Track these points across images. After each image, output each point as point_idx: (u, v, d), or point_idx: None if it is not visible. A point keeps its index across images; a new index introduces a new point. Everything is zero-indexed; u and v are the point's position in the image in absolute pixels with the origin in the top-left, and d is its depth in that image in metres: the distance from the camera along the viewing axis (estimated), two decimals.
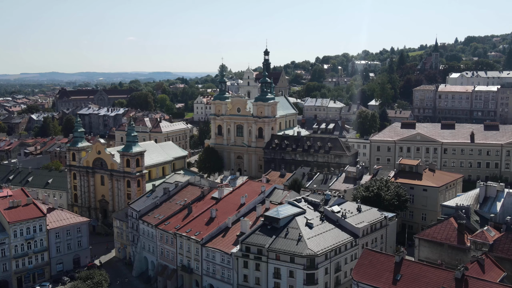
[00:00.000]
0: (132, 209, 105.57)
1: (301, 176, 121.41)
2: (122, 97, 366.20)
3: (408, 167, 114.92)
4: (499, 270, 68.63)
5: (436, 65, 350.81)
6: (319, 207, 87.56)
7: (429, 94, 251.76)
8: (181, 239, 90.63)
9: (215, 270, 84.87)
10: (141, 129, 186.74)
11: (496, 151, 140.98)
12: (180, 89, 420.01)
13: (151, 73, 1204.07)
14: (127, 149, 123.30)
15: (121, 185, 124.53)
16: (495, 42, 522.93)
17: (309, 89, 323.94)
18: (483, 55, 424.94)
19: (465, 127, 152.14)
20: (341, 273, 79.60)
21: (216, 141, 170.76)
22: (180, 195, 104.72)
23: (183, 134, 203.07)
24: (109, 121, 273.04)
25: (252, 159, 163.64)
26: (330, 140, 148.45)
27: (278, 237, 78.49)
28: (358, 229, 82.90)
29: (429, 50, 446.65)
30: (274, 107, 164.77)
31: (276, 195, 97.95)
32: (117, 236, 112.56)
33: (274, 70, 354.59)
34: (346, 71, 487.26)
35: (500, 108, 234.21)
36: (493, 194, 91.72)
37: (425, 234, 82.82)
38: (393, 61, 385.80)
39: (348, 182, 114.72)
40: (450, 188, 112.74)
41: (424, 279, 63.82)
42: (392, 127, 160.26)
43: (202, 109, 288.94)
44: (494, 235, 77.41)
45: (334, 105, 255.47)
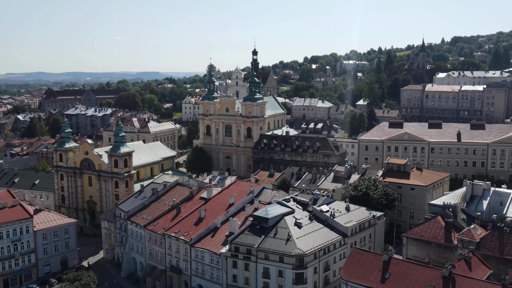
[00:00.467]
0: (120, 210, 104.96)
1: (289, 176, 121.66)
2: (110, 97, 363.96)
3: (396, 166, 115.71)
4: (486, 268, 69.42)
5: (423, 65, 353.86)
6: (307, 207, 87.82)
7: (416, 94, 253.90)
8: (170, 240, 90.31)
9: (204, 271, 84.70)
10: (129, 129, 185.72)
11: (482, 150, 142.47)
12: (168, 89, 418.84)
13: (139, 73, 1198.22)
14: (115, 150, 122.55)
15: (109, 186, 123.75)
16: (481, 42, 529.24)
17: (297, 89, 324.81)
18: (469, 55, 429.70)
19: (452, 127, 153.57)
20: (330, 272, 79.89)
21: (204, 141, 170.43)
22: (168, 196, 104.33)
23: (171, 134, 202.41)
24: (97, 121, 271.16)
25: (241, 159, 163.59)
26: (319, 140, 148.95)
27: (267, 237, 78.56)
28: (347, 228, 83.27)
29: (416, 50, 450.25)
30: (262, 107, 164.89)
31: (265, 195, 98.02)
32: (105, 237, 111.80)
33: (262, 70, 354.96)
34: (334, 71, 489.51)
35: (486, 107, 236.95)
36: (479, 193, 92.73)
37: (413, 232, 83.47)
38: (380, 61, 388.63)
39: (337, 182, 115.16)
40: (437, 187, 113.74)
41: (412, 277, 64.30)
42: (380, 127, 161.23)
43: (191, 109, 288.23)
44: (481, 233, 78.25)
45: (322, 105, 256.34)
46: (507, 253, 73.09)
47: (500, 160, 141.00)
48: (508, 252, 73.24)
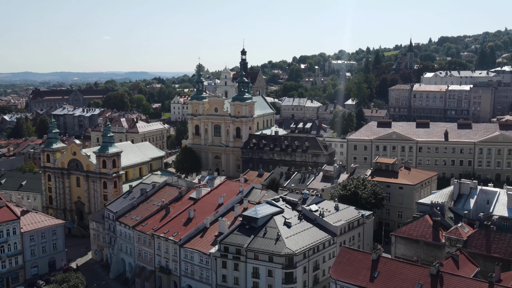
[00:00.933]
0: (109, 211, 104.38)
1: (279, 176, 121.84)
2: (98, 97, 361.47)
3: (384, 166, 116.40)
4: (473, 266, 70.11)
5: (411, 64, 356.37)
6: (297, 206, 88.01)
7: (404, 94, 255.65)
8: (159, 240, 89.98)
9: (194, 271, 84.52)
10: (117, 129, 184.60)
11: (469, 149, 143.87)
12: (157, 89, 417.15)
13: (127, 73, 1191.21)
14: (103, 150, 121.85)
15: (97, 187, 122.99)
16: (468, 42, 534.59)
17: (286, 88, 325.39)
18: (456, 55, 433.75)
19: (439, 126, 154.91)
20: (319, 272, 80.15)
21: (193, 141, 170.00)
22: (157, 196, 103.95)
23: (160, 135, 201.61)
24: (85, 121, 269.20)
25: (230, 159, 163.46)
26: (308, 140, 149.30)
27: (256, 237, 78.58)
28: (336, 228, 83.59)
29: (404, 50, 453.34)
30: (251, 106, 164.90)
31: (254, 195, 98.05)
32: (93, 238, 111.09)
33: (251, 69, 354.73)
34: (323, 70, 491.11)
35: (472, 107, 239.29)
36: (466, 191, 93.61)
37: (401, 231, 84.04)
38: (369, 61, 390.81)
39: (326, 181, 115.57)
40: (425, 186, 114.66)
41: (401, 276, 64.72)
42: (368, 126, 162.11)
43: (179, 109, 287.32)
44: (468, 232, 79.04)
45: (311, 105, 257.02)
46: (494, 251, 73.95)
47: (486, 159, 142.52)
48: (495, 250, 74.10)
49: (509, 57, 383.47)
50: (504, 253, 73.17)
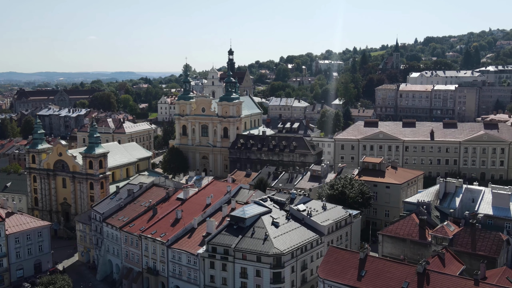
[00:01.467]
0: (96, 212, 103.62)
1: (266, 176, 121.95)
2: (84, 97, 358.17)
3: (371, 165, 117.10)
4: (459, 264, 70.88)
5: (397, 64, 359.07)
6: (284, 206, 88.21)
7: (391, 93, 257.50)
8: (146, 241, 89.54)
9: (181, 272, 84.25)
10: (104, 130, 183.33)
11: (454, 148, 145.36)
12: (144, 89, 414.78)
13: (114, 73, 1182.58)
14: (89, 151, 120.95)
15: (83, 188, 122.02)
16: (453, 42, 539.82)
17: (273, 88, 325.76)
18: (442, 55, 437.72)
19: (425, 125, 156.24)
20: (307, 271, 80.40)
21: (180, 141, 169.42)
22: (144, 197, 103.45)
23: (147, 135, 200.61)
24: (71, 122, 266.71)
25: (218, 159, 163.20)
26: (295, 139, 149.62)
27: (244, 237, 78.58)
28: (324, 227, 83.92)
29: (390, 50, 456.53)
30: (239, 106, 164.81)
31: (242, 195, 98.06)
32: (80, 239, 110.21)
33: (238, 69, 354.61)
34: (310, 70, 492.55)
35: (458, 106, 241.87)
36: (452, 190, 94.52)
37: (388, 230, 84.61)
38: (355, 61, 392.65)
39: (313, 181, 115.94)
40: (411, 185, 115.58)
41: (388, 274, 65.20)
42: (355, 126, 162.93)
43: (166, 109, 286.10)
44: (454, 230, 79.88)
45: (298, 105, 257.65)
46: (479, 248, 74.83)
47: (471, 158, 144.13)
48: (480, 248, 74.99)
49: (493, 57, 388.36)
50: (489, 251, 74.11)
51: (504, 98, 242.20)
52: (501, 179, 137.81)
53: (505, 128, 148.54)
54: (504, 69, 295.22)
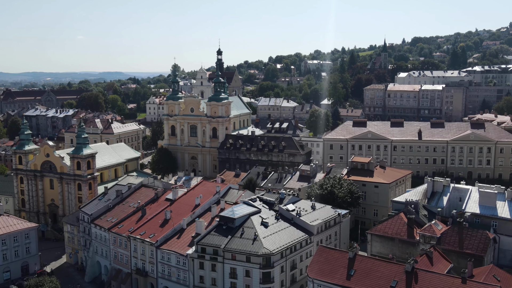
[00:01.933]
0: (84, 213, 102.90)
1: (255, 176, 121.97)
2: (72, 97, 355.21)
3: (360, 165, 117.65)
4: (446, 262, 71.52)
5: (385, 64, 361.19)
6: (274, 206, 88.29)
7: (379, 93, 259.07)
8: (135, 242, 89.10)
9: (171, 272, 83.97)
10: (92, 130, 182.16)
11: (442, 147, 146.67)
12: (132, 90, 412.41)
13: (102, 73, 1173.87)
14: (77, 151, 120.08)
15: (71, 189, 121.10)
16: (440, 42, 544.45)
17: (262, 88, 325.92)
18: (429, 55, 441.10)
19: (413, 125, 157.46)
20: (297, 271, 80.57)
21: (169, 141, 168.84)
22: (133, 197, 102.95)
23: (135, 135, 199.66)
24: (58, 122, 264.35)
25: (207, 159, 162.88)
26: (284, 139, 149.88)
27: (233, 237, 78.53)
28: (313, 227, 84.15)
29: (378, 50, 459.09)
30: (227, 107, 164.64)
31: (231, 195, 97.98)
32: (68, 241, 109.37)
33: (227, 69, 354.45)
34: (298, 70, 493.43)
35: (445, 106, 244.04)
36: (439, 189, 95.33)
37: (377, 229, 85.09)
38: (344, 61, 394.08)
39: (302, 181, 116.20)
40: (400, 184, 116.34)
41: (377, 273, 65.57)
42: (344, 126, 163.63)
43: (155, 110, 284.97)
44: (441, 229, 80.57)
45: (287, 105, 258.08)
46: (466, 247, 75.59)
47: (459, 157, 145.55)
48: (467, 246, 75.75)
49: (479, 57, 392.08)
50: (476, 249, 74.90)
51: (490, 98, 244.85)
52: (488, 178, 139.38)
53: (491, 128, 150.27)
54: (490, 69, 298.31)
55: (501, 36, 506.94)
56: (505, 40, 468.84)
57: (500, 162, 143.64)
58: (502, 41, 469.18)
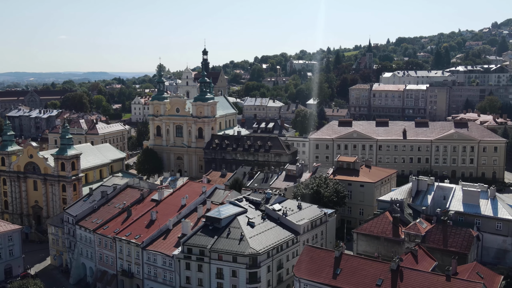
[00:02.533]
0: (68, 214, 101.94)
1: (242, 176, 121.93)
2: (55, 98, 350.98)
3: (345, 164, 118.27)
4: (431, 260, 72.29)
5: (370, 64, 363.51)
6: (260, 206, 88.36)
7: (364, 93, 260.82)
8: (121, 243, 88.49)
9: (157, 273, 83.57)
10: (76, 131, 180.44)
11: (426, 147, 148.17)
12: (117, 90, 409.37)
13: (86, 73, 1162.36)
14: (61, 152, 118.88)
15: (55, 190, 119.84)
16: (424, 43, 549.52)
17: (248, 88, 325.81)
18: (413, 55, 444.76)
19: (398, 124, 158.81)
20: (283, 270, 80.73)
21: (155, 142, 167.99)
22: (118, 198, 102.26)
23: (120, 136, 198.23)
24: (42, 123, 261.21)
25: (193, 159, 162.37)
26: (270, 139, 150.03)
27: (220, 237, 78.43)
28: (299, 226, 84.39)
29: (363, 50, 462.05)
30: (213, 107, 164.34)
31: (217, 195, 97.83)
32: (52, 243, 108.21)
33: (213, 70, 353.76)
34: (284, 70, 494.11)
35: (429, 105, 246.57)
36: (424, 188, 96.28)
37: (363, 228, 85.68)
38: (329, 61, 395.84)
39: (288, 180, 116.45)
40: (385, 183, 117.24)
41: (363, 272, 66.00)
42: (329, 126, 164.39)
43: (140, 110, 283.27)
44: (426, 227, 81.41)
45: (273, 105, 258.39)
46: (451, 245, 76.52)
47: (443, 156, 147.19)
48: (451, 244, 76.68)
49: (462, 57, 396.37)
50: (460, 247, 75.87)
51: (473, 97, 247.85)
52: (471, 177, 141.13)
53: (474, 127, 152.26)
54: (473, 69, 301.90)
55: (484, 36, 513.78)
56: (487, 41, 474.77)
57: (483, 161, 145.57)
58: (484, 42, 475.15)
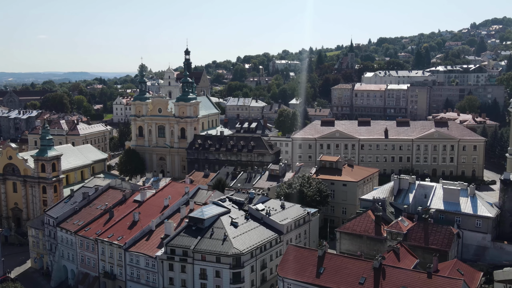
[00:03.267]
0: (49, 216, 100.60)
1: (225, 176, 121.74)
2: (35, 98, 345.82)
3: (328, 164, 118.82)
4: (413, 258, 73.11)
5: (352, 64, 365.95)
6: (243, 206, 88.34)
7: (346, 93, 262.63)
8: (103, 245, 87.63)
9: (140, 275, 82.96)
10: (56, 132, 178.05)
11: (407, 146, 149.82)
12: (98, 90, 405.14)
13: (67, 73, 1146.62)
14: (41, 153, 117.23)
15: (36, 192, 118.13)
16: (404, 43, 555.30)
17: (231, 88, 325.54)
18: (394, 55, 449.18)
19: (380, 124, 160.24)
20: (267, 270, 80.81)
21: (137, 142, 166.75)
22: (100, 200, 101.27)
23: (102, 136, 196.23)
24: (21, 124, 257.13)
25: (175, 160, 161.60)
26: (253, 139, 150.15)
27: (203, 238, 78.20)
28: (282, 226, 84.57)
29: (345, 50, 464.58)
30: (196, 107, 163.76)
31: (200, 196, 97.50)
32: (32, 245, 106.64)
33: (195, 69, 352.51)
34: (267, 70, 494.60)
35: (410, 105, 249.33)
36: (405, 187, 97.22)
37: (345, 227, 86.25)
38: (312, 61, 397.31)
39: (272, 180, 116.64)
40: (367, 182, 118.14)
41: (346, 271, 66.43)
42: (312, 125, 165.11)
43: (122, 110, 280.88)
44: (408, 225, 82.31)
45: (256, 104, 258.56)
46: (432, 242, 77.52)
47: (423, 155, 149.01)
48: (432, 241, 77.68)
49: (442, 57, 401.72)
50: (440, 244, 76.90)
51: (453, 97, 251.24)
52: (451, 175, 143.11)
53: (454, 126, 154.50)
54: (453, 69, 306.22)
55: (463, 37, 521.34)
56: (466, 41, 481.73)
57: (463, 160, 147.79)
58: (463, 42, 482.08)
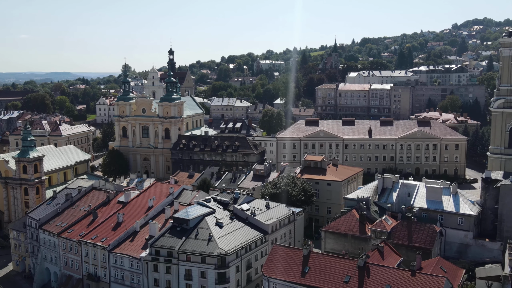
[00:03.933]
0: (31, 218, 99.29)
1: (209, 176, 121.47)
2: (16, 99, 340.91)
3: (313, 163, 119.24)
4: (397, 256, 73.77)
5: (336, 64, 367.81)
6: (228, 206, 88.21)
7: (331, 93, 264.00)
8: (87, 247, 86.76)
9: (124, 276, 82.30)
10: (38, 132, 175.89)
11: (391, 145, 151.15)
12: (81, 90, 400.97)
13: (48, 74, 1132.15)
14: (23, 155, 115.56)
15: (17, 194, 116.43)
16: (387, 43, 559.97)
17: (215, 88, 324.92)
18: (377, 55, 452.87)
19: (364, 123, 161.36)
20: (252, 270, 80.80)
21: (121, 143, 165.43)
22: (83, 201, 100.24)
23: (85, 137, 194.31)
24: (2, 125, 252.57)
25: (159, 160, 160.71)
26: (238, 139, 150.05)
27: (188, 238, 77.90)
28: (267, 226, 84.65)
29: (329, 50, 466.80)
30: (180, 107, 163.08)
31: (185, 196, 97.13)
32: (14, 248, 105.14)
33: (179, 69, 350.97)
34: (251, 70, 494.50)
35: (393, 105, 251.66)
36: (389, 186, 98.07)
37: (330, 226, 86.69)
38: (296, 61, 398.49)
39: (256, 180, 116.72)
40: (352, 181, 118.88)
41: (331, 270, 66.74)
42: (297, 125, 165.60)
43: (105, 111, 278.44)
44: (391, 224, 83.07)
45: (240, 104, 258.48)
46: (415, 240, 78.35)
47: (407, 154, 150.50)
48: (416, 240, 78.51)
49: (424, 57, 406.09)
50: (424, 243, 77.78)
51: (435, 96, 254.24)
52: (434, 174, 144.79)
53: (436, 125, 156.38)
54: (435, 69, 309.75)
55: (444, 37, 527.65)
56: (448, 41, 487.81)
57: (445, 158, 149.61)
58: (445, 42, 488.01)
